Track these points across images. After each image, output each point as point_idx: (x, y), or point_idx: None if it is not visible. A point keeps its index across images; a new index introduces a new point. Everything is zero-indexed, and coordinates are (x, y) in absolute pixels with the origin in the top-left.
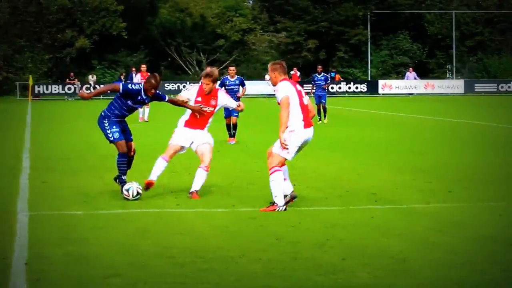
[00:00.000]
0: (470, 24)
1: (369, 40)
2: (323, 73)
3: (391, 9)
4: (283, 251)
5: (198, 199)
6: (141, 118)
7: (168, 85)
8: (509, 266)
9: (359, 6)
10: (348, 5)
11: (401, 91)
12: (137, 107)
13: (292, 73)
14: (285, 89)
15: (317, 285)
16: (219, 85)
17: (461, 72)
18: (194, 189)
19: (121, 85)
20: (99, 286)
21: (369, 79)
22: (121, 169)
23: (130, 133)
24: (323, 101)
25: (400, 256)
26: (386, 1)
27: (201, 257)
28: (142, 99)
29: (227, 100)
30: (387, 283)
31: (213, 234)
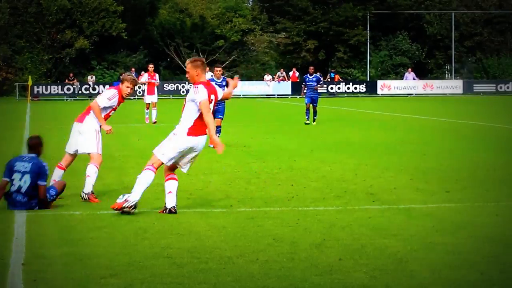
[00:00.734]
0: (469, 24)
1: (368, 40)
2: (315, 74)
3: (390, 10)
4: (281, 252)
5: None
6: (147, 119)
7: (167, 86)
8: (507, 266)
9: (358, 6)
10: (347, 5)
11: (400, 91)
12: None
13: (290, 73)
14: (206, 93)
15: (314, 285)
16: None
17: (460, 72)
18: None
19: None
20: (97, 286)
21: (368, 80)
22: None
23: None
24: (315, 104)
25: (397, 256)
26: (385, 1)
27: (198, 258)
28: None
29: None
30: (385, 283)
31: (210, 234)
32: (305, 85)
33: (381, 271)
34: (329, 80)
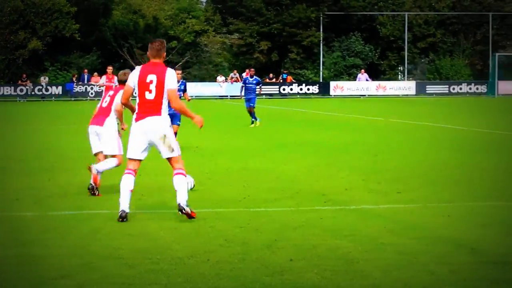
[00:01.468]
0: (422, 26)
1: (321, 41)
2: (255, 77)
3: (343, 11)
4: (232, 252)
5: None
6: None
7: None
8: (457, 267)
9: (311, 8)
10: (300, 6)
11: (352, 92)
12: None
13: (244, 74)
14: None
15: (265, 286)
16: None
17: (413, 73)
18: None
19: None
20: (48, 287)
21: (321, 81)
22: None
23: None
24: (252, 104)
25: (349, 256)
26: (338, 2)
27: (150, 258)
28: None
29: None
30: (336, 284)
31: (162, 235)
32: (244, 87)
33: (332, 272)
34: (281, 81)
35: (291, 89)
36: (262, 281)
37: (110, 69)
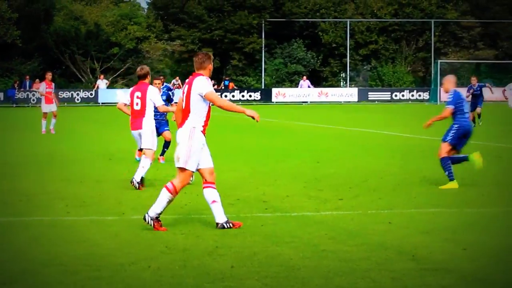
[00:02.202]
0: (364, 32)
1: (263, 48)
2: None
3: (285, 18)
4: (173, 259)
5: None
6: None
7: (62, 93)
8: (398, 274)
9: (253, 14)
10: (242, 13)
11: (294, 99)
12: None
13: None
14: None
15: None
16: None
17: (355, 80)
18: None
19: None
20: None
21: (263, 87)
22: None
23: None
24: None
25: (289, 263)
26: (281, 9)
27: (90, 265)
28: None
29: None
30: None
31: (103, 242)
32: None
33: (273, 279)
34: (223, 88)
35: (233, 96)
36: None
37: (49, 75)
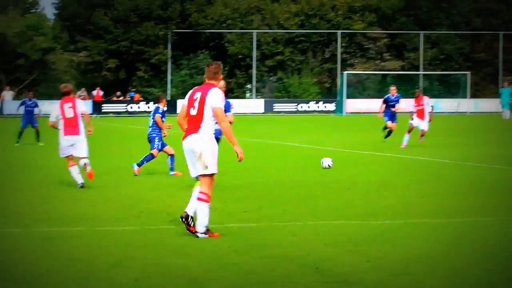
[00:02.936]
0: (271, 44)
1: (169, 59)
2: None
3: (192, 29)
4: (77, 271)
5: None
6: None
7: None
8: (302, 286)
9: (160, 25)
10: (149, 24)
11: None
12: None
13: (94, 93)
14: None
15: None
16: None
17: (261, 91)
18: None
19: None
20: None
21: (169, 99)
22: None
23: None
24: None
25: (193, 276)
26: (187, 20)
27: None
28: None
29: None
30: None
31: (4, 255)
32: None
33: None
34: (128, 99)
35: (139, 107)
36: None
37: None
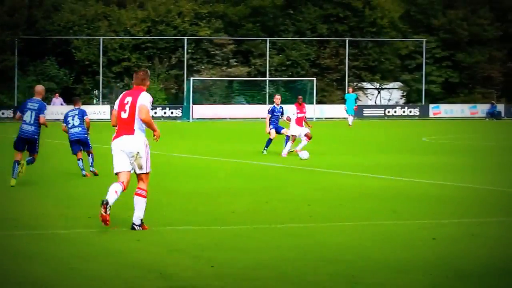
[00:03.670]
0: (117, 50)
1: (16, 66)
2: None
3: (39, 35)
4: None
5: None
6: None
7: None
8: None
9: (6, 31)
10: None
11: (52, 116)
12: None
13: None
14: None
15: None
16: None
17: (108, 98)
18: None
19: None
20: None
21: (15, 105)
22: None
23: None
24: None
25: (42, 281)
26: (34, 26)
27: None
28: None
29: None
30: None
31: None
32: None
33: None
34: None
35: None
36: None
37: None
